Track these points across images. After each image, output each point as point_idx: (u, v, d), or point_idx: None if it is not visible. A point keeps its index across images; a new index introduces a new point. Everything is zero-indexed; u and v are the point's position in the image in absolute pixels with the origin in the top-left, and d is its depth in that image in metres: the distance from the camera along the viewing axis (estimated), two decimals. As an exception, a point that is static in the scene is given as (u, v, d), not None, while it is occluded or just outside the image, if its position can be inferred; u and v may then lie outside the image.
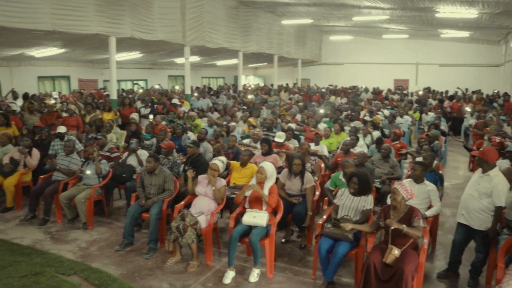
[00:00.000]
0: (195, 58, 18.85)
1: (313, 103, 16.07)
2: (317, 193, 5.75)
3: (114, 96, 11.91)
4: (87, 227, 6.12)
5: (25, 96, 12.80)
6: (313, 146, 7.67)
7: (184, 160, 6.89)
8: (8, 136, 7.69)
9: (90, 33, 10.50)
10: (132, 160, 6.97)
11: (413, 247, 4.07)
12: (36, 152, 7.26)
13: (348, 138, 7.77)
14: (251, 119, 10.58)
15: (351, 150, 7.06)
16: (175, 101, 12.78)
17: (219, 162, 5.41)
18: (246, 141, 8.09)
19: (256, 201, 4.94)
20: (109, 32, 10.95)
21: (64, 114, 10.10)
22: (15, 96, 13.57)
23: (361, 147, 7.69)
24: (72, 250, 5.42)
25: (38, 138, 8.01)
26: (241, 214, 5.00)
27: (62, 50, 14.35)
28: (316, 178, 6.11)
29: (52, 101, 12.93)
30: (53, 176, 6.71)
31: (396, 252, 3.86)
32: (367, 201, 4.71)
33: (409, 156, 7.91)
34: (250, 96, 16.69)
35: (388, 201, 5.12)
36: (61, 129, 7.86)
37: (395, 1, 13.80)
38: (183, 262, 5.05)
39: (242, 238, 4.78)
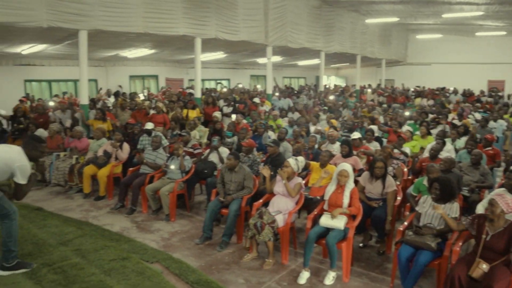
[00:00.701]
0: (277, 58, 18.96)
1: (394, 104, 15.45)
2: (398, 198, 5.53)
3: (198, 95, 12.38)
4: (170, 219, 6.42)
5: (116, 94, 13.80)
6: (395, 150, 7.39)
7: (264, 159, 6.98)
8: (102, 130, 8.32)
9: (177, 34, 11.03)
10: (213, 157, 7.19)
11: (505, 263, 3.72)
12: (126, 146, 7.76)
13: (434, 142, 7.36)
14: (333, 120, 10.45)
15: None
16: (256, 100, 12.99)
17: (292, 160, 5.44)
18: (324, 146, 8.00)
19: (335, 204, 4.87)
20: (195, 33, 11.41)
21: (152, 111, 10.70)
22: (109, 93, 14.68)
23: (448, 152, 7.25)
24: (155, 239, 5.71)
25: (129, 133, 8.57)
26: (319, 215, 4.96)
27: (152, 51, 15.19)
28: (398, 182, 5.88)
29: (141, 98, 13.78)
30: (141, 169, 7.14)
31: (484, 266, 3.57)
32: (452, 209, 4.42)
33: (503, 164, 7.32)
34: (331, 97, 16.47)
35: (478, 210, 4.79)
36: (149, 125, 8.32)
37: (491, -4, 12.83)
38: (259, 259, 5.11)
39: (319, 240, 4.72)
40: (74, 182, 7.76)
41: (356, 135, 7.56)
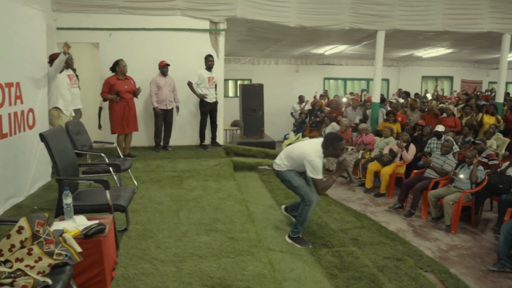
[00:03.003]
0: None
1: None
2: None
3: (500, 99, 10.97)
4: (450, 230, 6.01)
5: (407, 94, 13.72)
6: None
7: None
8: (390, 129, 8.46)
9: (481, 31, 10.04)
10: (513, 172, 6.28)
11: None
12: (412, 148, 7.68)
13: None
14: None
15: None
16: None
17: None
18: None
19: None
20: (503, 29, 10.12)
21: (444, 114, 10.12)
22: (400, 94, 14.76)
23: None
24: (431, 248, 5.45)
25: (417, 134, 8.42)
26: None
27: (449, 51, 14.33)
28: None
29: (429, 98, 13.26)
30: (426, 173, 6.94)
31: None
32: None
33: None
34: None
35: None
36: (440, 127, 7.94)
37: None
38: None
39: None
40: (357, 176, 8.23)
41: None
